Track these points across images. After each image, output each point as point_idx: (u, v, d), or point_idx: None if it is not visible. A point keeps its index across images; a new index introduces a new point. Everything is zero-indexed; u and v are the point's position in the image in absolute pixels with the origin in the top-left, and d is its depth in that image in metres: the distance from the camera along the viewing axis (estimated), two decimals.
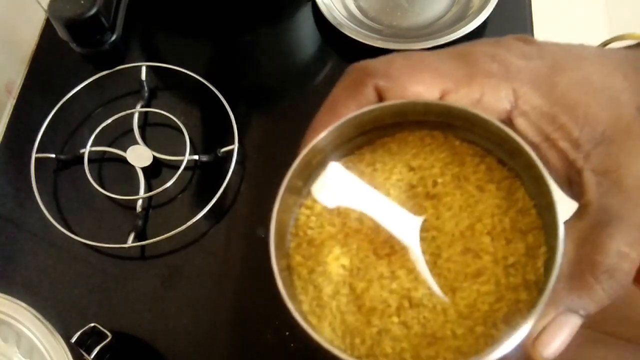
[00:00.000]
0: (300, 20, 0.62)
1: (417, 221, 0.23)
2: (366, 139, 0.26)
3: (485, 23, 0.57)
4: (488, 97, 0.23)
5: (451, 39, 0.55)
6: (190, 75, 0.57)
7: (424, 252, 0.22)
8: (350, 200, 0.22)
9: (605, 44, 0.28)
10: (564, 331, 0.21)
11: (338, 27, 0.57)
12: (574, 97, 0.23)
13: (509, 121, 0.24)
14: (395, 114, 0.24)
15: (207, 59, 0.61)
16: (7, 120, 0.58)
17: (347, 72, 0.25)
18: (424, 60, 0.24)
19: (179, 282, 0.49)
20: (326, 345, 0.21)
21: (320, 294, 0.23)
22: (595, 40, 0.28)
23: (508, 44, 0.24)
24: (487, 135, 0.24)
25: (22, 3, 0.62)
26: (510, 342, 0.20)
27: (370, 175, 0.25)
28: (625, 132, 0.22)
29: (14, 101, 0.59)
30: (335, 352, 0.21)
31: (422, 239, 0.23)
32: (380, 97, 0.24)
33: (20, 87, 0.60)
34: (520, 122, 0.24)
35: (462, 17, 0.58)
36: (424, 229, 0.23)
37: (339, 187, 0.22)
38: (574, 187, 0.23)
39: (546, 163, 0.24)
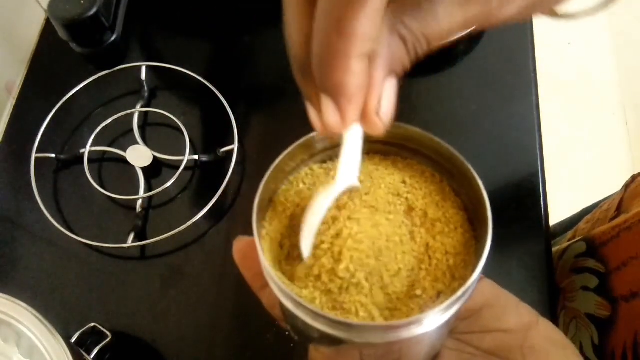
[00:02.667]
0: None
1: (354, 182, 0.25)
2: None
3: None
4: None
5: (451, 39, 0.55)
6: (190, 75, 0.57)
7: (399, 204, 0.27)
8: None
9: None
10: (388, 92, 0.22)
11: None
12: None
13: None
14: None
15: (207, 59, 0.60)
16: (7, 120, 0.58)
17: None
18: None
19: (179, 282, 0.50)
20: (262, 257, 0.24)
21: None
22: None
23: None
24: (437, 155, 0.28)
25: (22, 3, 0.62)
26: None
27: (366, 162, 0.29)
28: None
29: (14, 101, 0.59)
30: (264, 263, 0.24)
31: (410, 216, 0.27)
32: None
33: (20, 87, 0.60)
34: None
35: None
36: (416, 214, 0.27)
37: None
38: None
39: None
